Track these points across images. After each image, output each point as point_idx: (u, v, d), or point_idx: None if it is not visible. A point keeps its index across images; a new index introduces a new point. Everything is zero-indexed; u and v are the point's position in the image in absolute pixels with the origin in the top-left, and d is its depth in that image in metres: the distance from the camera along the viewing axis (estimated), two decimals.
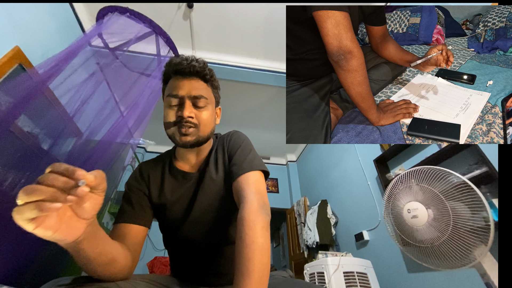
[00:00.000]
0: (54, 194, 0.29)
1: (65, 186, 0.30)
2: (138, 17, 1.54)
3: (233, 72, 2.46)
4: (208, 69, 0.65)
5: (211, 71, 0.67)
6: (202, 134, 0.63)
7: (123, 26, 1.56)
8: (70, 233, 0.33)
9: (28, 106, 1.16)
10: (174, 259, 0.71)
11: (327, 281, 1.55)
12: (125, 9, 1.51)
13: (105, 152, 1.31)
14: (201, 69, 0.63)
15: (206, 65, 0.65)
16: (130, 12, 1.52)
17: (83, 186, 0.30)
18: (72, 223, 0.33)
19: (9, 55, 1.35)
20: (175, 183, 0.68)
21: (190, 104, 0.62)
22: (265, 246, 0.44)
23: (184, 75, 0.63)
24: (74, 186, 0.30)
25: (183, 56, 0.64)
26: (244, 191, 0.55)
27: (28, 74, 1.20)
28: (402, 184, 1.10)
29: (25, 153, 1.18)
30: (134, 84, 1.74)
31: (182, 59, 0.63)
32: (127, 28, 1.58)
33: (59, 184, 0.30)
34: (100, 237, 0.42)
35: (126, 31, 1.59)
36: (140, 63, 1.85)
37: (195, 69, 0.62)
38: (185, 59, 0.63)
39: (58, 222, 0.31)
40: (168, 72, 0.65)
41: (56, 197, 0.29)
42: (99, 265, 0.42)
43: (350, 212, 2.40)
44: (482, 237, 0.83)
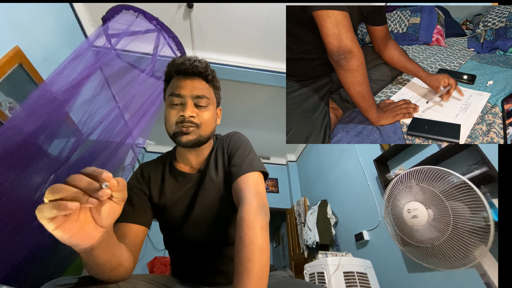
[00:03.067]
0: (76, 195, 0.29)
1: (88, 187, 0.30)
2: (148, 18, 1.55)
3: (233, 72, 2.46)
4: (210, 70, 0.66)
5: (213, 72, 0.68)
6: (203, 133, 0.63)
7: (128, 26, 1.56)
8: (86, 239, 0.33)
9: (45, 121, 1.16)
10: (175, 259, 0.71)
11: (327, 281, 1.55)
12: (138, 9, 1.52)
13: (105, 152, 1.32)
14: (204, 69, 0.64)
15: (208, 65, 0.66)
16: (142, 12, 1.53)
17: (105, 188, 0.31)
18: (89, 230, 0.33)
19: (9, 55, 1.35)
20: (175, 183, 0.68)
21: (192, 103, 0.62)
22: (264, 246, 0.44)
23: (187, 75, 0.64)
24: (97, 189, 0.30)
25: (186, 57, 0.65)
26: (243, 192, 0.55)
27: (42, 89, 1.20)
28: (402, 184, 1.10)
29: (25, 153, 1.18)
30: (136, 84, 1.74)
31: (185, 59, 0.64)
32: (132, 27, 1.58)
33: (83, 184, 0.30)
34: (112, 244, 0.43)
35: (131, 30, 1.60)
36: (143, 63, 1.85)
37: (197, 69, 0.63)
38: (187, 59, 0.64)
39: (76, 227, 0.31)
40: (171, 72, 0.66)
41: (78, 198, 0.29)
42: (106, 269, 0.43)
43: (350, 212, 2.40)
44: (482, 237, 0.83)
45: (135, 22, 1.57)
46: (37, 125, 1.10)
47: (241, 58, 2.44)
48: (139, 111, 1.45)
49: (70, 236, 0.31)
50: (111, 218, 0.35)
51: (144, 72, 1.64)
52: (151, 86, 1.58)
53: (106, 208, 0.34)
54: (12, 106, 1.41)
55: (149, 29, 1.64)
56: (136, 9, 1.54)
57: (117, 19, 1.53)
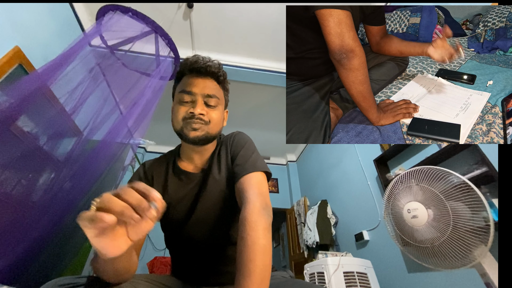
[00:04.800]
0: (124, 209, 0.31)
1: (138, 205, 0.31)
2: (140, 17, 1.54)
3: (233, 72, 2.46)
4: (222, 71, 0.68)
5: (225, 74, 0.70)
6: (211, 131, 0.64)
7: (123, 26, 1.56)
8: (115, 250, 0.34)
9: (28, 106, 1.16)
10: (176, 259, 0.71)
11: (327, 281, 1.55)
12: (127, 9, 1.51)
13: (105, 152, 1.31)
14: (217, 69, 0.66)
15: (221, 66, 0.68)
16: (132, 11, 1.52)
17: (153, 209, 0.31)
18: (120, 242, 0.34)
19: (9, 55, 1.35)
20: (178, 183, 0.68)
21: (202, 102, 0.63)
22: (267, 247, 0.44)
23: (199, 74, 0.65)
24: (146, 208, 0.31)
25: (199, 56, 0.67)
26: (246, 192, 0.55)
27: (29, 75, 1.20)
28: (402, 184, 1.10)
29: (25, 153, 1.18)
30: (134, 84, 1.74)
31: (199, 58, 0.66)
32: (128, 28, 1.58)
33: (134, 202, 0.31)
34: (130, 253, 0.44)
35: (126, 30, 1.59)
36: (140, 63, 1.85)
37: (210, 69, 0.65)
38: (201, 59, 0.65)
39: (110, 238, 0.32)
40: (183, 70, 0.67)
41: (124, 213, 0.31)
42: (120, 274, 0.44)
43: (350, 212, 2.40)
44: (482, 237, 0.83)
45: (131, 22, 1.56)
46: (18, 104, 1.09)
47: (241, 58, 2.44)
48: (139, 110, 1.45)
49: (104, 245, 0.32)
50: (142, 233, 0.35)
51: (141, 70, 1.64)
52: (149, 85, 1.58)
53: (142, 225, 0.34)
54: None
55: (146, 30, 1.64)
56: (124, 8, 1.52)
57: (111, 19, 1.52)
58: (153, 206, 0.31)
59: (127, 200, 0.31)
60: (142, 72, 1.82)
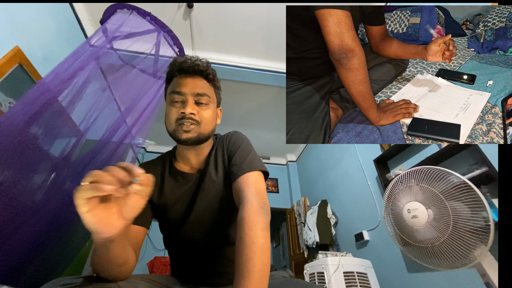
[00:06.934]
0: (112, 182, 0.33)
1: (123, 179, 0.35)
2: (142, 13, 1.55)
3: (233, 72, 2.46)
4: (211, 69, 0.67)
5: (214, 72, 0.69)
6: (203, 131, 0.64)
7: (128, 26, 1.56)
8: (109, 228, 0.36)
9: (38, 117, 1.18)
10: (175, 259, 0.71)
11: (327, 281, 1.55)
12: (145, 12, 1.54)
13: (105, 152, 1.31)
14: (205, 68, 0.66)
15: (209, 64, 0.67)
16: (151, 16, 1.55)
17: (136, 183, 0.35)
18: (114, 220, 0.36)
19: (9, 55, 1.35)
20: (175, 183, 0.68)
21: (192, 101, 0.63)
22: (265, 247, 0.44)
23: (188, 74, 0.65)
24: (130, 182, 0.35)
25: (187, 56, 0.67)
26: (244, 192, 0.55)
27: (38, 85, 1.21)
28: (402, 184, 1.10)
29: (25, 153, 1.17)
30: (136, 84, 1.74)
31: (187, 58, 0.65)
32: (132, 27, 1.58)
33: (119, 175, 0.35)
34: (124, 240, 0.46)
35: (130, 30, 1.60)
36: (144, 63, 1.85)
37: (199, 68, 0.65)
38: (189, 59, 0.65)
39: (104, 214, 0.35)
40: (172, 71, 0.67)
41: (113, 184, 0.33)
42: (115, 264, 0.45)
43: (350, 212, 2.40)
44: (482, 237, 0.83)
45: (133, 22, 1.56)
46: (29, 116, 1.11)
47: (241, 58, 2.44)
48: (139, 110, 1.45)
49: (97, 221, 0.34)
50: (134, 211, 0.38)
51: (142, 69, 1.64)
52: (151, 85, 1.58)
53: (132, 201, 0.37)
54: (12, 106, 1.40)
55: (148, 29, 1.65)
56: (130, 6, 1.54)
57: (114, 20, 1.53)
58: (136, 180, 0.35)
59: (114, 176, 0.34)
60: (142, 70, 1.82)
